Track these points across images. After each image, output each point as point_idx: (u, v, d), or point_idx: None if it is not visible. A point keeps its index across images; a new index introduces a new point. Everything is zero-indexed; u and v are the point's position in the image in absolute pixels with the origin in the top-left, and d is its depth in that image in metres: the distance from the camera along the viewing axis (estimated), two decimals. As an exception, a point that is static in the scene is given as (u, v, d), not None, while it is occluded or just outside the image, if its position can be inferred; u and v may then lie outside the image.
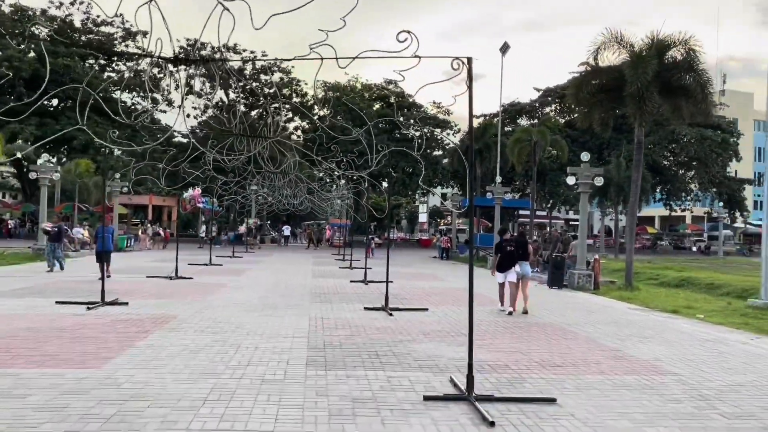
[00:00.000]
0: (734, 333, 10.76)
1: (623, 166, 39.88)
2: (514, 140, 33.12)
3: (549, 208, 59.04)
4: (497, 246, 12.93)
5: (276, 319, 10.47)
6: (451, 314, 11.65)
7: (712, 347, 9.05)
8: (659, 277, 21.54)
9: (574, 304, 14.37)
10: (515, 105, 55.78)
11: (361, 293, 14.99)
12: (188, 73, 52.61)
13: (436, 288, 16.93)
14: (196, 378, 6.32)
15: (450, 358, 7.69)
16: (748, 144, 73.66)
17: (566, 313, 12.44)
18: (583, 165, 18.98)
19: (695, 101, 17.61)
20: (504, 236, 13.03)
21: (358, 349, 8.08)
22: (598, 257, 19.62)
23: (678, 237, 64.97)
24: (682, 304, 14.64)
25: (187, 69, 52.83)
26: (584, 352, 8.39)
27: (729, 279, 19.80)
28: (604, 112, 19.24)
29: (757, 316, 12.89)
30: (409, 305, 12.79)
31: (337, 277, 19.62)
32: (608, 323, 11.24)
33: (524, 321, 11.15)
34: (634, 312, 13.26)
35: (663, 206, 59.14)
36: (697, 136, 49.19)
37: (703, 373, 7.23)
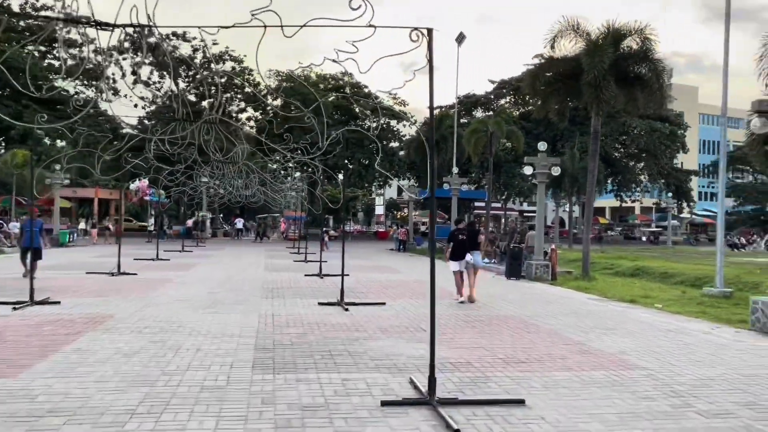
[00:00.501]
0: (694, 322, 10.63)
1: (577, 157, 40.29)
2: (471, 131, 32.92)
3: (504, 199, 59.44)
4: (450, 235, 12.89)
5: (223, 316, 9.78)
6: (409, 308, 11.17)
7: (675, 338, 8.83)
8: (614, 267, 21.63)
9: (533, 295, 14.11)
10: (470, 97, 55.78)
11: (316, 287, 14.39)
12: (135, 62, 50.91)
13: (393, 281, 16.45)
14: (125, 387, 5.63)
15: (409, 356, 7.20)
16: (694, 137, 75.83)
17: (526, 305, 12.14)
18: (540, 155, 18.78)
19: (651, 90, 17.59)
20: (458, 225, 13.09)
21: (310, 348, 7.50)
22: (555, 247, 19.52)
23: (628, 227, 66.43)
24: (639, 294, 14.57)
25: (134, 57, 51.24)
26: (548, 346, 8.02)
27: (681, 268, 19.98)
28: (560, 101, 19.09)
29: (713, 305, 12.88)
30: (365, 299, 12.25)
31: (292, 270, 18.93)
32: (569, 314, 10.96)
33: (485, 314, 10.76)
34: (592, 302, 13.07)
35: (614, 197, 60.30)
36: (647, 129, 50.16)
37: (671, 367, 6.94)
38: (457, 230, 12.78)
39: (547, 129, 48.23)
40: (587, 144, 42.72)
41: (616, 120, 48.32)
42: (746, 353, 7.86)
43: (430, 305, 5.79)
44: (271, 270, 18.94)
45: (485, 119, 36.12)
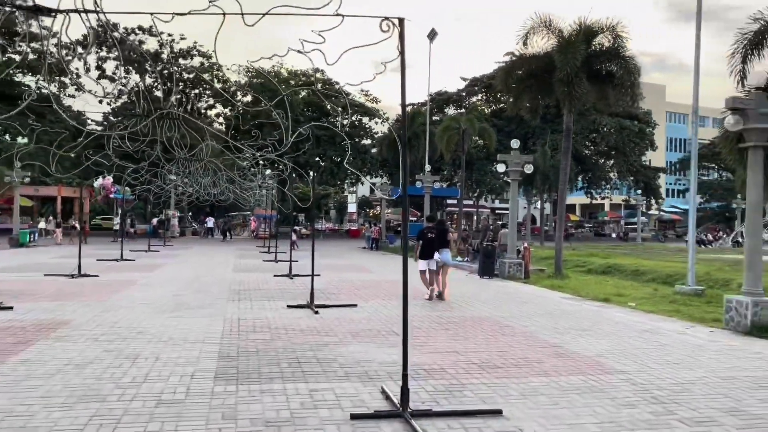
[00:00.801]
0: (668, 321, 10.54)
1: (548, 154, 40.46)
2: (443, 128, 32.75)
3: (476, 197, 59.56)
4: (420, 233, 12.86)
5: (186, 321, 9.34)
6: (382, 310, 10.87)
7: (651, 339, 8.69)
8: (586, 264, 21.64)
9: (506, 294, 13.93)
10: (442, 94, 55.70)
11: (285, 289, 13.99)
12: (99, 56, 49.58)
13: (365, 281, 16.13)
14: (73, 403, 5.21)
15: (381, 362, 6.89)
16: (661, 135, 77.03)
17: (500, 305, 11.93)
18: (513, 152, 18.64)
19: (623, 87, 17.57)
20: (429, 223, 13.11)
21: (277, 356, 7.13)
22: (528, 245, 19.42)
23: (598, 224, 67.20)
24: (612, 292, 14.51)
25: (98, 51, 49.89)
26: (524, 349, 7.79)
27: (652, 265, 20.06)
28: (532, 98, 18.97)
29: (685, 303, 12.86)
30: (336, 301, 11.92)
31: (261, 271, 18.48)
32: (543, 315, 10.78)
33: (459, 315, 10.51)
34: (567, 301, 12.94)
35: (584, 194, 60.88)
36: (617, 126, 50.68)
37: (650, 370, 6.75)
38: (427, 228, 12.75)
39: (519, 126, 48.41)
40: (558, 142, 43.01)
41: (586, 118, 48.72)
42: (723, 354, 7.73)
43: (402, 310, 5.48)
44: (239, 270, 18.46)
45: (457, 116, 35.98)
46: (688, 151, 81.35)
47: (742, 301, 9.58)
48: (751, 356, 7.65)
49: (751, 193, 9.76)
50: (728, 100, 9.68)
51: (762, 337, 9.04)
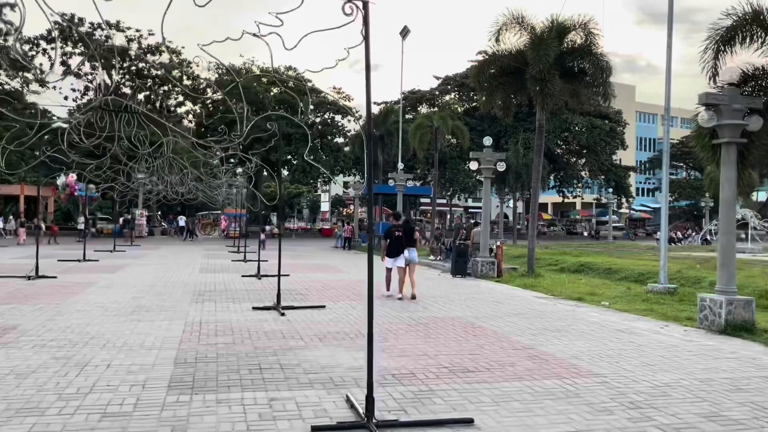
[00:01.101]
0: (642, 321, 10.40)
1: (521, 153, 40.54)
2: (416, 126, 32.49)
3: (449, 195, 59.55)
4: (387, 231, 12.87)
5: (144, 325, 8.87)
6: (351, 311, 10.52)
7: (626, 339, 8.50)
8: (558, 263, 21.56)
9: (479, 293, 13.69)
10: (415, 93, 55.54)
11: (252, 290, 13.54)
12: (64, 51, 48.22)
13: (336, 281, 15.76)
14: (9, 417, 4.76)
15: (348, 367, 6.55)
16: (631, 134, 78.00)
17: (472, 305, 11.68)
18: (486, 150, 18.46)
19: (595, 85, 17.50)
20: (396, 222, 12.98)
21: (238, 361, 6.74)
22: (501, 244, 19.25)
23: (570, 222, 67.80)
24: (586, 291, 14.38)
25: (63, 46, 48.51)
26: (497, 351, 7.52)
27: (624, 263, 20.06)
28: (505, 96, 18.78)
29: (658, 301, 12.77)
30: (305, 302, 11.54)
31: (228, 271, 17.98)
32: (517, 315, 10.55)
33: (430, 316, 10.22)
34: (540, 301, 12.75)
35: (556, 193, 61.32)
36: (588, 125, 51.11)
37: (626, 373, 6.53)
38: (394, 227, 12.70)
39: (492, 125, 48.45)
40: (531, 140, 43.15)
41: (558, 117, 49.00)
42: (698, 355, 7.57)
43: (368, 314, 5.15)
44: (206, 271, 17.93)
45: (430, 114, 35.75)
46: (658, 150, 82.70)
47: (716, 299, 9.47)
48: (727, 356, 7.49)
49: (725, 189, 9.65)
50: (701, 95, 9.55)
51: (736, 335, 8.93)
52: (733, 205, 9.74)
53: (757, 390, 5.93)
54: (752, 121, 9.57)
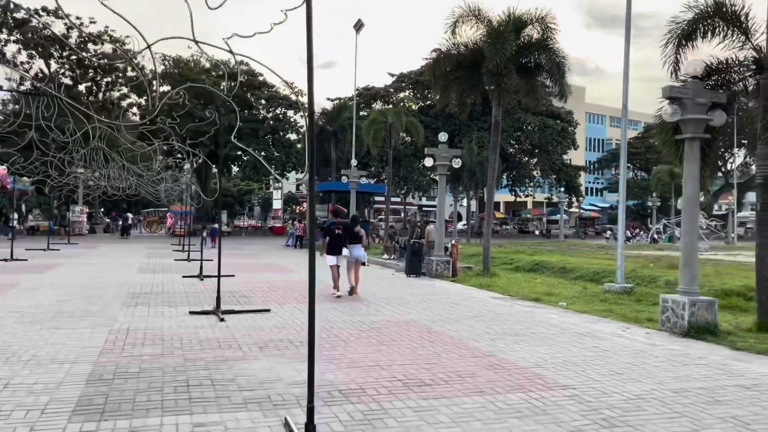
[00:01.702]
0: (603, 323, 10.00)
1: (475, 151, 40.36)
2: (369, 122, 31.80)
3: (404, 193, 59.14)
4: (327, 229, 12.69)
5: (63, 333, 7.89)
6: (298, 315, 9.75)
7: (590, 344, 8.02)
8: (513, 262, 21.25)
9: (434, 294, 13.11)
10: (370, 89, 54.81)
11: (192, 292, 12.58)
12: (-3, 38, 45.49)
13: (283, 282, 14.92)
14: None
15: (290, 382, 5.80)
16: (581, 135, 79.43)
17: (428, 307, 11.07)
18: (441, 146, 17.93)
19: (552, 79, 17.17)
20: (336, 218, 12.85)
21: (163, 377, 5.90)
22: (456, 243, 18.77)
23: (522, 221, 68.44)
24: (542, 291, 13.99)
25: (-3, 33, 45.74)
26: (455, 359, 6.90)
27: (579, 262, 19.87)
28: (461, 91, 18.28)
29: (616, 302, 12.46)
30: (248, 305, 10.70)
31: (169, 271, 16.90)
32: (474, 317, 9.99)
33: (383, 319, 9.54)
34: (497, 302, 12.25)
35: (509, 192, 61.69)
36: (540, 125, 51.47)
37: (595, 383, 6.00)
38: (334, 224, 12.51)
39: (447, 123, 48.17)
40: (485, 139, 43.08)
41: (511, 116, 49.15)
42: (667, 361, 7.12)
43: (309, 324, 4.42)
44: (145, 271, 16.80)
45: (384, 110, 35.08)
46: (607, 151, 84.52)
47: (679, 300, 9.11)
48: (696, 363, 7.07)
49: (688, 187, 9.31)
50: (665, 88, 9.18)
51: (700, 338, 8.59)
52: (697, 203, 9.42)
53: (735, 402, 5.48)
54: (716, 116, 9.26)
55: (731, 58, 9.72)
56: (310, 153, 4.67)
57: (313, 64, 4.30)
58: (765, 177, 9.43)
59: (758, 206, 9.63)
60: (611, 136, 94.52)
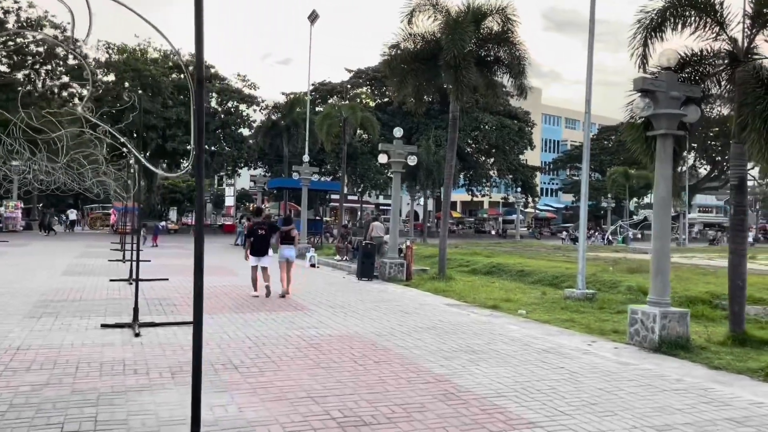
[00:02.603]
0: (566, 335, 9.17)
1: (432, 150, 39.60)
2: (323, 117, 30.58)
3: (360, 192, 58.09)
4: (249, 229, 12.51)
5: (-65, 355, 6.56)
6: (229, 327, 8.59)
7: (555, 363, 7.14)
8: (470, 264, 20.47)
9: (385, 301, 12.10)
10: (326, 85, 53.57)
11: (114, 298, 11.24)
12: None
13: (222, 286, 13.68)
14: None
15: (201, 421, 4.68)
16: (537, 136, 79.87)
17: (377, 317, 10.06)
18: (396, 142, 16.95)
19: (512, 74, 16.39)
20: (258, 218, 12.93)
21: (33, 417, 4.70)
22: (411, 244, 17.82)
23: (479, 221, 68.29)
24: (500, 296, 13.17)
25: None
26: (402, 387, 5.89)
27: (537, 265, 19.20)
28: (418, 84, 17.33)
29: (578, 309, 11.70)
30: (173, 316, 9.48)
31: (98, 274, 15.43)
32: (427, 329, 9.02)
33: (324, 333, 8.48)
34: (452, 310, 11.33)
35: (465, 191, 61.34)
36: (498, 124, 51.19)
37: (565, 419, 5.08)
38: (257, 224, 12.34)
39: (403, 121, 47.32)
40: (442, 137, 42.35)
41: (469, 115, 48.68)
42: (642, 386, 6.28)
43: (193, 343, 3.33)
44: (70, 273, 15.29)
45: (339, 105, 33.84)
46: (562, 152, 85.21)
47: (649, 312, 8.34)
48: (675, 387, 6.25)
49: (660, 187, 8.54)
50: (637, 80, 8.39)
51: (672, 354, 7.83)
52: (669, 204, 8.66)
53: (730, 443, 4.64)
54: (690, 111, 8.52)
55: (706, 48, 9.00)
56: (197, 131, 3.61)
57: (202, 19, 3.23)
58: (740, 178, 8.76)
59: (732, 210, 8.95)
60: (566, 138, 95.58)
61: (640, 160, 9.53)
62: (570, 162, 76.33)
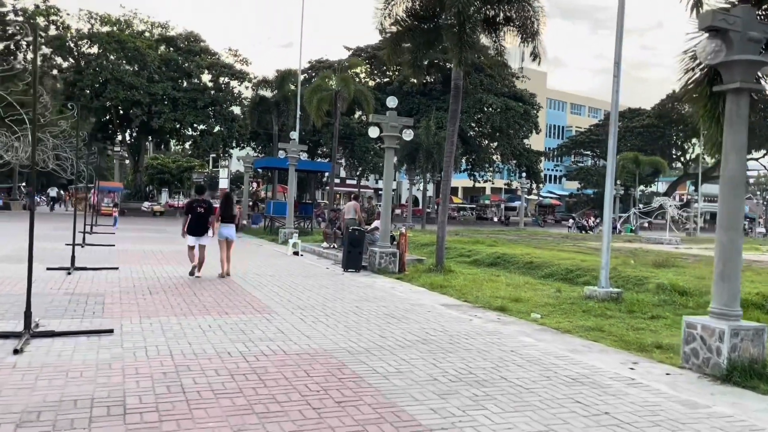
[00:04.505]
0: (597, 352, 7.09)
1: (433, 130, 37.33)
2: (313, 89, 28.24)
3: (358, 175, 55.93)
4: (188, 206, 12.09)
5: None
6: (158, 339, 6.50)
7: (593, 403, 5.04)
8: (471, 254, 18.36)
9: (370, 300, 10.00)
10: (323, 62, 51.08)
11: (35, 294, 9.09)
12: None
13: (176, 279, 11.58)
14: None
15: None
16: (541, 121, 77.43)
17: (356, 323, 7.96)
18: (390, 113, 14.77)
19: (524, 37, 14.15)
20: (198, 195, 12.55)
21: None
22: (405, 231, 15.64)
23: (481, 207, 66.14)
24: (508, 295, 11.07)
25: None
26: (370, 454, 3.79)
27: (546, 256, 17.07)
28: (416, 48, 15.06)
29: (604, 313, 9.61)
30: (91, 320, 7.40)
31: (41, 260, 13.26)
32: (417, 344, 6.93)
33: (280, 350, 6.37)
34: (451, 313, 9.23)
35: (467, 177, 59.13)
36: (502, 106, 48.80)
37: None
38: (196, 202, 11.92)
39: (403, 101, 44.95)
40: (443, 119, 39.94)
41: (472, 96, 46.33)
42: (734, 449, 4.18)
43: None
44: (7, 260, 13.19)
45: (330, 74, 31.29)
46: (566, 138, 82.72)
47: (713, 327, 6.23)
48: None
49: (731, 162, 6.38)
50: (705, 15, 6.23)
51: (748, 386, 5.75)
52: (742, 184, 6.50)
53: None
54: (773, 58, 6.33)
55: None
56: None
57: None
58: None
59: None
60: (571, 123, 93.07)
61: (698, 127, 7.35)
62: (575, 148, 73.96)
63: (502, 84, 49.36)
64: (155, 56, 40.52)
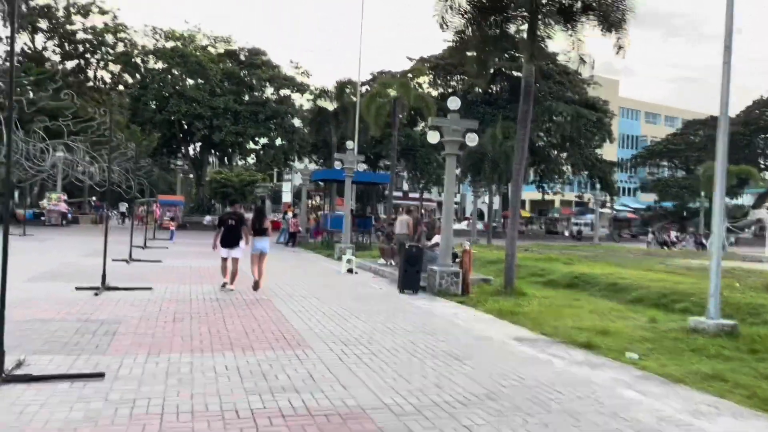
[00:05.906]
0: (728, 416, 5.28)
1: (499, 139, 35.40)
2: (370, 96, 27.01)
3: (421, 188, 54.46)
4: (220, 219, 12.33)
5: None
6: (156, 386, 5.16)
7: None
8: (545, 273, 16.44)
9: (426, 332, 8.42)
10: (385, 73, 50.05)
11: (50, 321, 8.06)
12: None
13: (218, 299, 10.37)
14: None
15: None
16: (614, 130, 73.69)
17: (405, 366, 6.42)
18: (451, 116, 13.21)
19: (606, 27, 12.31)
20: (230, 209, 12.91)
21: None
22: (468, 247, 13.92)
23: (550, 221, 63.16)
24: (592, 326, 9.24)
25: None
26: None
27: (632, 276, 14.96)
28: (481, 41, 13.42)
29: (719, 353, 7.68)
30: (96, 351, 6.16)
31: (74, 279, 12.43)
32: (484, 401, 5.32)
33: (299, 408, 4.91)
34: (526, 351, 7.54)
35: (535, 189, 56.54)
36: (573, 114, 46.20)
37: None
38: (227, 214, 12.43)
39: (468, 112, 43.28)
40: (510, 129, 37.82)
41: (541, 104, 44.07)
42: None
43: None
44: (42, 278, 12.40)
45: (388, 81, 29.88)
46: (641, 148, 78.42)
47: None
48: None
49: None
50: None
51: None
52: None
53: None
54: None
55: None
56: None
57: None
58: None
59: None
60: (646, 133, 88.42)
61: None
62: (651, 158, 69.85)
63: (573, 91, 46.84)
64: (217, 70, 40.54)
